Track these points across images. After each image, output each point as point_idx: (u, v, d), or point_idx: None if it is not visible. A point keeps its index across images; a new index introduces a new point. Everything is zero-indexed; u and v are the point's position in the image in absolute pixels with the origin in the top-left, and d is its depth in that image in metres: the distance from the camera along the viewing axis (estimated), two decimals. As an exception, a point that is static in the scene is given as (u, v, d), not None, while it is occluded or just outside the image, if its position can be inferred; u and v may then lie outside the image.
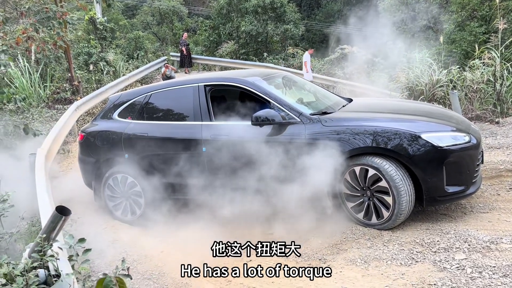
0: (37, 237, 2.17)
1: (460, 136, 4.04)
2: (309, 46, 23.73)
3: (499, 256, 3.32)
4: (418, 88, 8.65)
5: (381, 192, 4.01)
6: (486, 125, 7.49)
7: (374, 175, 4.00)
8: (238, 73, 5.47)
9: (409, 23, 20.24)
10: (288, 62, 19.84)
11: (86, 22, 17.43)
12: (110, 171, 5.21)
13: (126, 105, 5.36)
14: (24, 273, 1.98)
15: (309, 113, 4.46)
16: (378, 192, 4.04)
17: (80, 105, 9.50)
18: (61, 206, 2.19)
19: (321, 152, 4.14)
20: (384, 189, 3.98)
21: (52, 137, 6.80)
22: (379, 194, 4.04)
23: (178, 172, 4.80)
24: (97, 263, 4.12)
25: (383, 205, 4.03)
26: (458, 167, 3.97)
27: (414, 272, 3.29)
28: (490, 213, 4.17)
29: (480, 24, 16.59)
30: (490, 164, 5.41)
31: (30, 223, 4.46)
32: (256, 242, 4.23)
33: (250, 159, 4.43)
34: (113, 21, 25.02)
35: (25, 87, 10.82)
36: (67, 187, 6.36)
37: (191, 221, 4.75)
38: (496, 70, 8.03)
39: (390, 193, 3.93)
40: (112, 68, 15.13)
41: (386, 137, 3.96)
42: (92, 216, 5.43)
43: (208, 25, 25.90)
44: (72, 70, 11.72)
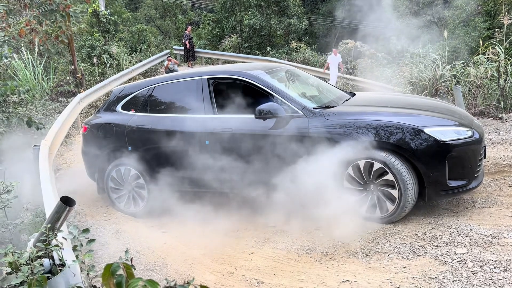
0: (42, 227, 2.19)
1: (463, 131, 4.04)
2: (312, 40, 23.67)
3: (501, 250, 3.33)
4: (421, 83, 8.62)
5: (387, 185, 4.02)
6: (490, 121, 7.48)
7: (379, 168, 4.01)
8: (241, 66, 5.46)
9: (413, 18, 20.14)
10: (291, 57, 19.79)
11: (90, 15, 17.41)
12: (113, 163, 5.23)
13: (130, 97, 5.37)
14: (29, 262, 1.99)
15: (312, 106, 4.46)
16: (384, 186, 4.05)
17: (84, 97, 9.52)
18: (65, 197, 2.20)
19: (324, 145, 4.15)
20: (390, 183, 3.99)
21: (55, 129, 6.83)
22: (385, 188, 4.05)
23: (181, 165, 4.81)
24: (101, 254, 4.16)
25: (388, 198, 4.04)
26: (461, 162, 3.97)
27: (415, 266, 3.31)
28: (492, 208, 4.18)
29: (484, 19, 16.51)
30: (493, 159, 5.41)
31: (34, 214, 4.49)
32: (258, 235, 4.27)
33: (253, 152, 4.44)
34: (116, 14, 25.01)
35: (29, 79, 10.85)
36: (70, 178, 6.40)
37: (195, 213, 4.77)
38: (500, 66, 8.00)
39: (397, 186, 3.94)
40: (115, 61, 15.14)
41: (389, 131, 3.97)
42: (95, 208, 5.47)
43: (211, 19, 25.85)
44: (75, 63, 11.73)
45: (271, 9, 22.43)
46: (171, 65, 15.64)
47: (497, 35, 9.12)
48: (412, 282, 3.09)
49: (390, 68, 11.94)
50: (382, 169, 4.00)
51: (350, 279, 3.28)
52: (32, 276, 1.91)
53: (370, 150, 4.04)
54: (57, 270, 2.08)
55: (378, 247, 3.69)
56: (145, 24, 25.39)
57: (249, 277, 3.54)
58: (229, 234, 4.44)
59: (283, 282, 3.38)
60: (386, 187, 4.04)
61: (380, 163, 3.99)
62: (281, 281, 3.39)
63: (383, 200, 4.08)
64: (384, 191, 4.06)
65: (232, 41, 22.41)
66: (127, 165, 5.15)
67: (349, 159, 4.11)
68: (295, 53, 20.23)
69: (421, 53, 9.94)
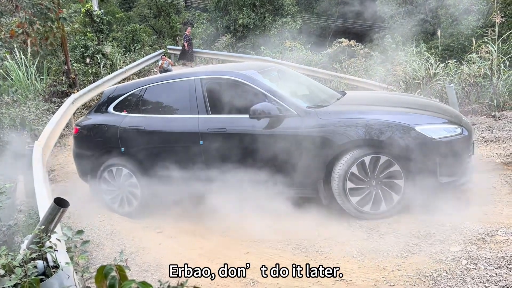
0: (36, 229, 2.18)
1: (452, 128, 4.13)
2: (306, 39, 23.68)
3: (494, 248, 3.35)
4: (415, 82, 8.66)
5: (392, 177, 4.09)
6: (483, 119, 7.52)
7: (386, 161, 4.06)
8: (234, 66, 5.47)
9: (407, 17, 20.21)
10: (285, 56, 19.77)
11: (83, 15, 17.31)
12: (105, 164, 5.21)
13: (122, 98, 5.34)
14: (23, 264, 1.98)
15: (306, 106, 4.47)
16: (389, 178, 4.11)
17: (77, 98, 9.48)
18: (59, 198, 2.19)
19: (318, 144, 4.17)
20: (396, 174, 4.06)
21: (49, 130, 6.78)
22: (390, 180, 4.11)
23: (176, 165, 4.80)
24: (95, 255, 4.14)
25: (393, 189, 4.11)
26: (451, 159, 4.05)
27: (410, 264, 3.32)
28: (485, 206, 4.20)
29: (477, 18, 16.60)
30: (486, 157, 5.44)
31: (27, 216, 4.46)
32: (254, 234, 4.26)
33: (248, 151, 4.45)
34: (110, 13, 24.88)
35: (22, 80, 10.76)
36: (64, 179, 6.36)
37: (190, 213, 4.77)
38: (493, 64, 8.05)
39: (403, 175, 4.03)
40: (109, 61, 15.05)
41: (380, 130, 4.03)
42: (89, 209, 5.44)
43: (205, 18, 25.79)
44: (68, 63, 11.66)
45: (266, 8, 22.43)
46: (165, 64, 15.59)
47: (490, 33, 9.17)
48: (406, 280, 3.10)
49: (384, 67, 11.96)
50: (388, 161, 4.06)
51: (345, 278, 3.29)
52: (26, 278, 1.90)
53: (363, 148, 4.08)
54: (51, 272, 2.07)
55: (373, 245, 3.71)
56: (139, 23, 25.27)
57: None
58: (224, 234, 4.44)
59: (278, 281, 3.38)
60: (391, 179, 4.11)
61: (386, 156, 4.06)
62: (276, 281, 3.39)
63: (388, 192, 4.15)
64: (389, 183, 4.13)
65: (226, 40, 22.38)
66: (119, 166, 5.13)
67: (353, 157, 4.13)
68: (290, 52, 20.22)
69: (414, 52, 9.98)
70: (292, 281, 3.35)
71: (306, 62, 17.86)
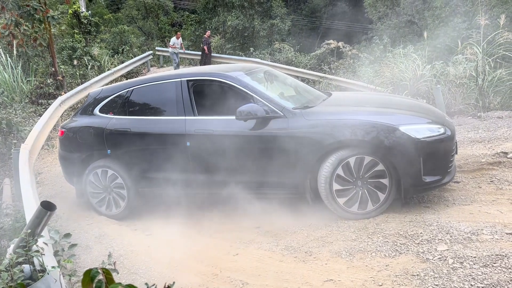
0: (22, 232, 2.16)
1: (436, 128, 4.20)
2: (295, 41, 23.79)
3: (480, 246, 3.39)
4: (402, 83, 8.74)
5: (378, 176, 4.13)
6: (469, 119, 7.62)
7: (371, 161, 4.09)
8: (221, 68, 5.47)
9: (394, 19, 20.40)
10: (274, 57, 19.83)
11: (70, 16, 17.16)
12: (91, 166, 5.17)
13: (108, 100, 5.31)
14: (9, 269, 1.97)
15: (292, 107, 4.50)
16: (374, 177, 4.14)
17: (64, 100, 9.39)
18: (46, 201, 2.18)
19: (304, 145, 4.21)
20: (381, 173, 4.11)
21: (36, 132, 6.71)
22: (375, 179, 4.14)
23: (163, 167, 4.79)
24: (83, 259, 4.11)
25: (379, 188, 4.16)
26: (434, 158, 4.12)
27: (398, 264, 3.35)
28: (471, 205, 4.26)
29: (463, 19, 16.82)
30: (472, 157, 5.51)
31: (14, 219, 4.41)
32: (243, 236, 4.27)
33: (234, 153, 4.46)
34: (98, 15, 24.71)
35: (8, 82, 10.62)
36: (51, 182, 6.30)
37: (179, 215, 4.75)
38: (478, 65, 8.16)
39: (388, 174, 4.09)
40: (97, 62, 14.95)
41: (363, 130, 4.08)
42: (77, 212, 5.40)
43: (194, 20, 25.73)
44: (55, 65, 11.56)
45: (254, 9, 22.47)
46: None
47: (475, 35, 9.31)
48: (394, 279, 3.13)
49: (372, 68, 12.06)
50: (373, 161, 4.10)
51: (334, 278, 3.31)
52: (12, 283, 1.88)
53: (348, 149, 4.13)
54: (38, 276, 2.05)
55: (361, 245, 3.73)
56: (127, 25, 25.12)
57: (234, 278, 3.54)
58: (213, 236, 4.44)
59: (267, 282, 3.39)
60: (377, 178, 4.15)
61: (371, 156, 4.09)
62: (265, 282, 3.40)
63: (374, 192, 4.19)
64: (375, 183, 4.16)
65: (215, 42, 22.37)
66: (105, 168, 5.10)
67: (339, 158, 4.17)
68: (279, 53, 20.29)
69: (402, 53, 10.08)
70: (281, 282, 3.36)
71: (295, 64, 17.92)
